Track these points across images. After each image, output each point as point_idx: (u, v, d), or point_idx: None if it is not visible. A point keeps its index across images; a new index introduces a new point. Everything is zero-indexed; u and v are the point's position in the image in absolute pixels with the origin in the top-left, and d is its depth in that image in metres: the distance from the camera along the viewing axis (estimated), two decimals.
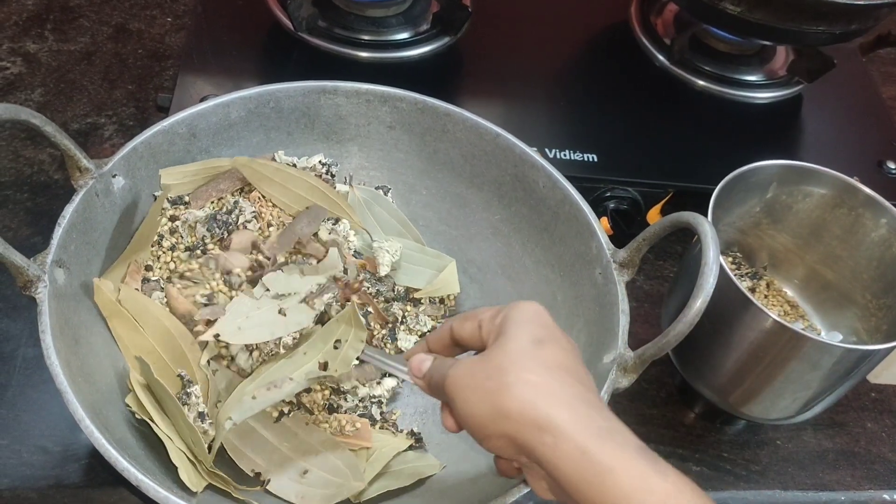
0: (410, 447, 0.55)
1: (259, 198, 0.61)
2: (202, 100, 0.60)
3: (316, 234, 0.60)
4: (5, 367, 0.58)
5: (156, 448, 0.49)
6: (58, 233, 0.49)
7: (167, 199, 0.58)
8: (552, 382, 0.40)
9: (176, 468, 0.48)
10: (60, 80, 0.76)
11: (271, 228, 0.60)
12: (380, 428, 0.56)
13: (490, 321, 0.44)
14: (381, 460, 0.54)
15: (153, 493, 0.42)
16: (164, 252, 0.57)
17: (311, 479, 0.51)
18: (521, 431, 0.39)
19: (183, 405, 0.50)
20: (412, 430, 0.56)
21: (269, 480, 0.50)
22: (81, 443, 0.54)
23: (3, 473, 0.53)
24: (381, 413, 0.57)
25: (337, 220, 0.61)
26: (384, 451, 0.54)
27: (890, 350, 0.53)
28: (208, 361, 0.53)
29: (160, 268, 0.57)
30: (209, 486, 0.49)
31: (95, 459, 0.54)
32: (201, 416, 0.50)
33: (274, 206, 0.61)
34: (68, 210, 0.50)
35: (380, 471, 0.53)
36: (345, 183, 0.64)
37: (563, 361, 0.41)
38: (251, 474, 0.51)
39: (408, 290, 0.62)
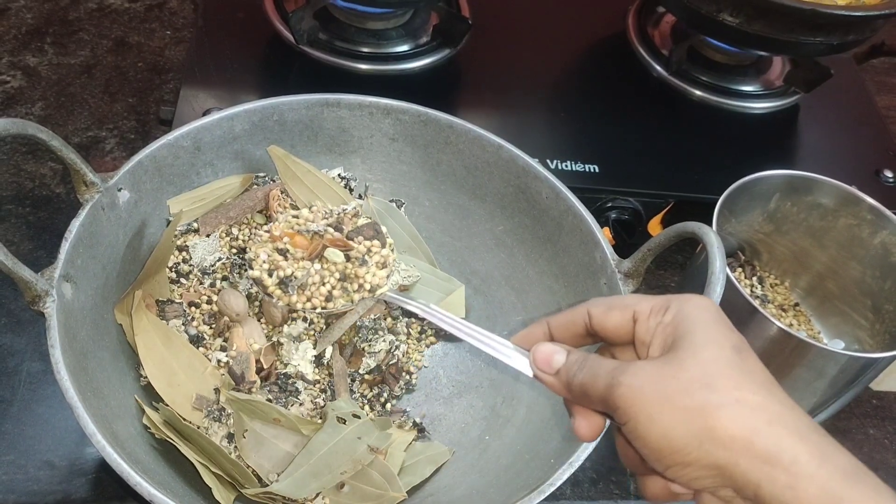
0: (415, 438, 0.56)
1: (278, 195, 0.61)
2: (205, 113, 0.61)
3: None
4: (10, 382, 0.57)
5: (169, 463, 0.49)
6: (65, 247, 0.49)
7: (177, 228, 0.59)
8: (773, 404, 0.33)
9: (191, 480, 0.48)
10: (61, 94, 0.76)
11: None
12: None
13: (655, 316, 0.37)
14: (398, 457, 0.54)
15: None
16: (182, 277, 0.58)
17: (349, 493, 0.51)
18: (739, 463, 0.32)
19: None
20: (415, 421, 0.57)
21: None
22: (88, 457, 0.54)
23: (9, 489, 0.53)
24: (383, 407, 0.58)
25: None
26: (396, 446, 0.54)
27: (893, 358, 0.53)
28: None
29: (180, 295, 0.57)
30: (237, 499, 0.49)
31: (103, 473, 0.54)
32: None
33: (293, 207, 0.61)
34: (75, 224, 0.50)
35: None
36: (360, 197, 0.64)
37: (768, 375, 0.34)
38: None
39: None
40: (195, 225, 0.59)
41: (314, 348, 0.58)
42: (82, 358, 0.48)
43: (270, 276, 0.50)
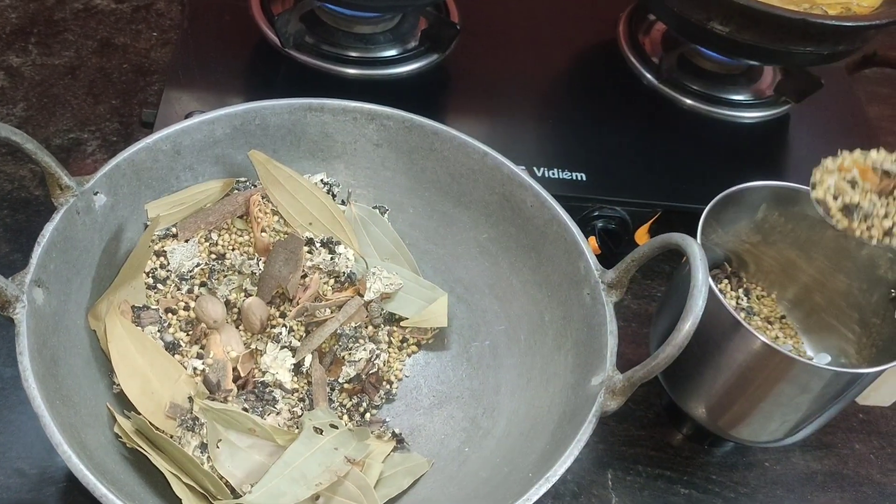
0: (393, 449, 0.55)
1: (258, 200, 0.60)
2: (187, 116, 0.60)
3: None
4: None
5: (140, 473, 0.48)
6: (37, 252, 0.48)
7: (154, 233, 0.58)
8: None
9: (163, 491, 0.47)
10: (43, 95, 0.76)
11: (264, 235, 0.59)
12: None
13: None
14: (376, 468, 0.53)
15: None
16: (159, 283, 0.57)
17: None
18: None
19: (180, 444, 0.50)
20: (394, 432, 0.56)
21: None
22: (58, 465, 0.53)
23: None
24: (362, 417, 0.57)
25: (338, 243, 0.61)
26: (374, 457, 0.54)
27: (879, 373, 0.52)
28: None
29: (157, 302, 0.56)
30: None
31: (72, 483, 0.53)
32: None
33: (274, 213, 0.60)
34: (48, 229, 0.50)
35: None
36: (342, 203, 0.63)
37: None
38: None
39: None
40: (174, 230, 0.59)
41: (293, 356, 0.57)
42: (52, 365, 0.47)
43: (835, 199, 0.53)
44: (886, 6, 0.71)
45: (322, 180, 0.63)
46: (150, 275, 0.57)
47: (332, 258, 0.60)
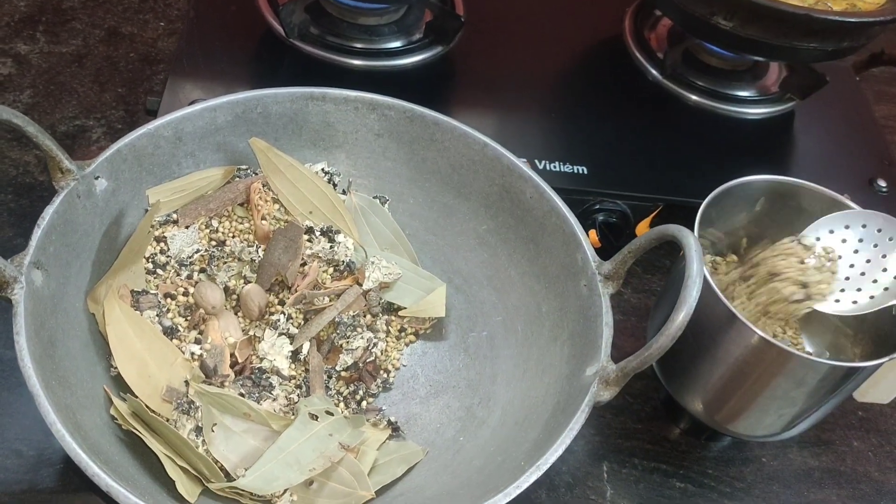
0: (389, 437, 0.56)
1: (259, 188, 0.60)
2: (191, 104, 0.60)
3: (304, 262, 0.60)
4: None
5: (135, 455, 0.48)
6: (37, 234, 0.49)
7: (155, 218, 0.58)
8: None
9: (157, 473, 0.48)
10: (50, 82, 0.76)
11: (264, 222, 0.60)
12: None
13: None
14: (370, 455, 0.54)
15: (123, 500, 0.41)
16: (159, 268, 0.58)
17: (317, 490, 0.50)
18: None
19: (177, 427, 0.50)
20: (389, 420, 0.56)
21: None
22: (56, 447, 0.54)
23: None
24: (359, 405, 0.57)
25: (338, 232, 0.61)
26: (369, 444, 0.54)
27: (875, 367, 0.52)
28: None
29: (156, 287, 0.57)
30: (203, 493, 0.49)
31: (69, 465, 0.53)
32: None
33: (275, 201, 0.61)
34: (48, 211, 0.50)
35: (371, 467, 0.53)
36: (343, 193, 0.64)
37: None
38: None
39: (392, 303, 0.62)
40: (174, 216, 0.59)
41: (291, 343, 0.57)
42: (50, 346, 0.48)
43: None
44: (892, 2, 0.71)
45: (323, 169, 0.63)
46: (150, 260, 0.57)
47: (331, 247, 0.60)
